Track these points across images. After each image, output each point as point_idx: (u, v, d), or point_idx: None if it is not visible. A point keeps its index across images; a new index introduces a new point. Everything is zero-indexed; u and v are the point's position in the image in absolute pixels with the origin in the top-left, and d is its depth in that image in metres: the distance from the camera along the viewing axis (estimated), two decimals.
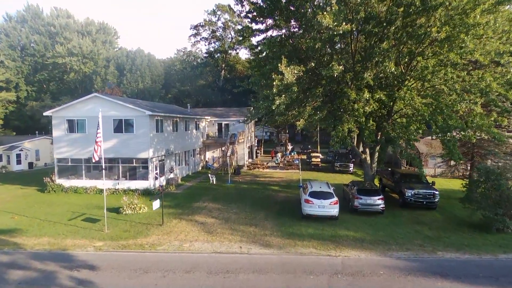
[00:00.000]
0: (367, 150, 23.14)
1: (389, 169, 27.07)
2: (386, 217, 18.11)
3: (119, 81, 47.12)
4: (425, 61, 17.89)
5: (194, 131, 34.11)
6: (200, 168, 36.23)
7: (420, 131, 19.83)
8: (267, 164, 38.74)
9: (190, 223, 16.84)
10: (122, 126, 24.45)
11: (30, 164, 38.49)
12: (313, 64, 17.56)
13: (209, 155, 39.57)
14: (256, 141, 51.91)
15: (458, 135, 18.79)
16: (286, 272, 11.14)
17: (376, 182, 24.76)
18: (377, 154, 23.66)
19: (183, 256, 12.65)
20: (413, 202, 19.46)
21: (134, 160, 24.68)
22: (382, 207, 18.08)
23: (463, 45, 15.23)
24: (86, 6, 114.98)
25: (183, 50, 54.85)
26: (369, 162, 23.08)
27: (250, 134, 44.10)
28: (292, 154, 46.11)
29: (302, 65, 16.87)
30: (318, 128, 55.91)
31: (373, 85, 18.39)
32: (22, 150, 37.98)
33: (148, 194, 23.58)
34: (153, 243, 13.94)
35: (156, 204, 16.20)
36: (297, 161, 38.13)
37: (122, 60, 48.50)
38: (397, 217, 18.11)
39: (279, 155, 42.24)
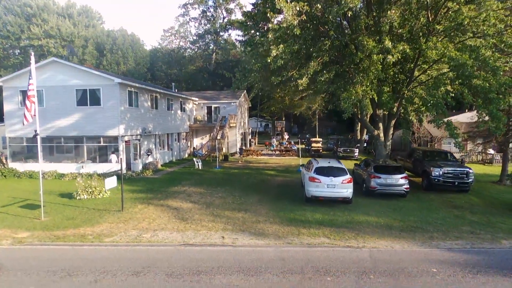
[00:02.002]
0: (380, 125, 19.36)
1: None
2: (411, 201, 14.35)
3: (98, 62, 42.72)
4: (456, 5, 14.13)
5: (179, 112, 30.07)
6: (186, 155, 32.20)
7: (449, 98, 16.12)
8: (261, 151, 34.84)
9: (160, 208, 12.88)
10: (86, 98, 20.35)
11: None
12: (319, 6, 13.64)
13: (197, 142, 35.55)
14: (250, 130, 48.09)
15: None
16: (290, 272, 7.25)
17: None
18: (392, 130, 19.94)
19: (137, 251, 8.69)
20: (441, 183, 15.70)
21: (101, 139, 20.60)
22: (406, 188, 14.29)
23: None
24: None
25: (169, 31, 50.60)
26: (382, 139, 19.32)
27: (243, 120, 40.17)
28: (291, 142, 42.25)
29: (306, 3, 12.94)
30: (317, 117, 52.26)
31: (395, 34, 14.61)
32: None
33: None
34: (101, 234, 9.96)
35: (111, 182, 12.20)
36: (295, 147, 34.34)
37: (102, 39, 44.04)
38: (424, 201, 14.34)
39: (274, 140, 38.33)
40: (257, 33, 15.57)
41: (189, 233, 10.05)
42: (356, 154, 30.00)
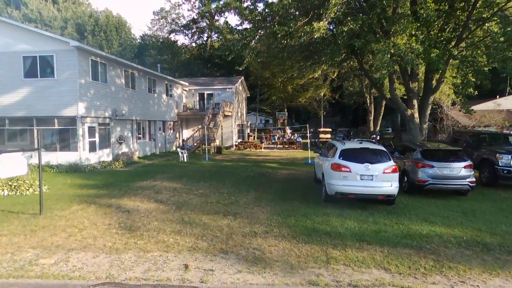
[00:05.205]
0: (414, 102, 14.95)
1: None
2: (476, 200, 9.84)
3: None
4: None
5: (164, 96, 25.57)
6: (174, 148, 27.64)
7: None
8: (261, 144, 30.28)
9: (104, 210, 8.39)
10: (36, 68, 15.85)
11: None
12: None
13: (188, 133, 31.00)
14: (248, 123, 43.64)
15: None
16: None
17: None
18: (429, 107, 15.53)
19: None
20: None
21: (55, 121, 16.10)
22: (471, 182, 9.77)
23: None
24: None
25: (160, 13, 45.93)
26: (417, 120, 14.92)
27: (240, 110, 35.66)
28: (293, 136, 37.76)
29: None
30: (322, 109, 47.82)
31: None
32: None
33: (75, 170, 15.09)
34: None
35: (14, 167, 7.69)
36: (300, 139, 29.95)
37: (84, 20, 39.54)
38: (497, 201, 9.79)
39: (279, 131, 33.98)
40: None
41: (128, 256, 5.55)
42: None
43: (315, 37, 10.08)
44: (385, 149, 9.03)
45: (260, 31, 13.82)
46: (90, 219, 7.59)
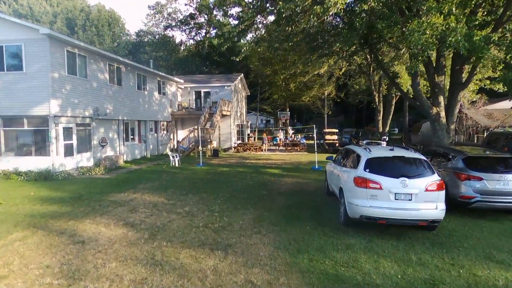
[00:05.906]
0: (441, 98, 12.83)
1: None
2: None
3: None
4: None
5: (156, 94, 23.46)
6: (167, 150, 25.51)
7: None
8: (261, 145, 28.13)
9: (52, 240, 6.26)
10: (2, 59, 13.77)
11: None
12: None
13: (183, 134, 28.85)
14: (249, 123, 41.57)
15: None
16: None
17: None
18: (458, 105, 13.41)
19: None
20: None
21: (25, 120, 14.01)
22: None
23: None
24: None
25: (155, 7, 43.76)
26: (443, 120, 12.81)
27: (239, 110, 33.55)
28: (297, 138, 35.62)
29: None
30: (327, 108, 45.66)
31: None
32: None
33: (45, 178, 12.97)
34: None
35: None
36: (304, 140, 27.83)
37: (74, 14, 37.49)
38: None
39: (281, 132, 31.90)
40: None
41: None
42: None
43: (331, 13, 8.01)
44: (425, 158, 6.88)
45: (259, 15, 11.78)
46: (25, 257, 5.48)
